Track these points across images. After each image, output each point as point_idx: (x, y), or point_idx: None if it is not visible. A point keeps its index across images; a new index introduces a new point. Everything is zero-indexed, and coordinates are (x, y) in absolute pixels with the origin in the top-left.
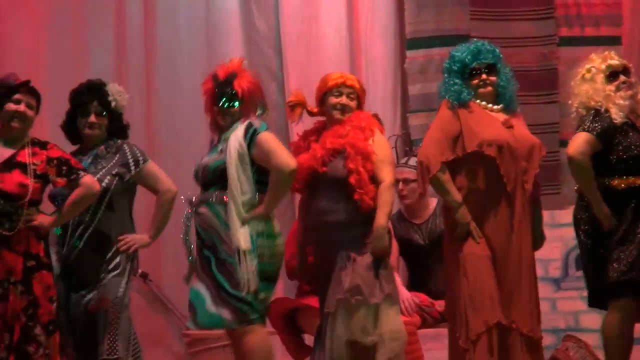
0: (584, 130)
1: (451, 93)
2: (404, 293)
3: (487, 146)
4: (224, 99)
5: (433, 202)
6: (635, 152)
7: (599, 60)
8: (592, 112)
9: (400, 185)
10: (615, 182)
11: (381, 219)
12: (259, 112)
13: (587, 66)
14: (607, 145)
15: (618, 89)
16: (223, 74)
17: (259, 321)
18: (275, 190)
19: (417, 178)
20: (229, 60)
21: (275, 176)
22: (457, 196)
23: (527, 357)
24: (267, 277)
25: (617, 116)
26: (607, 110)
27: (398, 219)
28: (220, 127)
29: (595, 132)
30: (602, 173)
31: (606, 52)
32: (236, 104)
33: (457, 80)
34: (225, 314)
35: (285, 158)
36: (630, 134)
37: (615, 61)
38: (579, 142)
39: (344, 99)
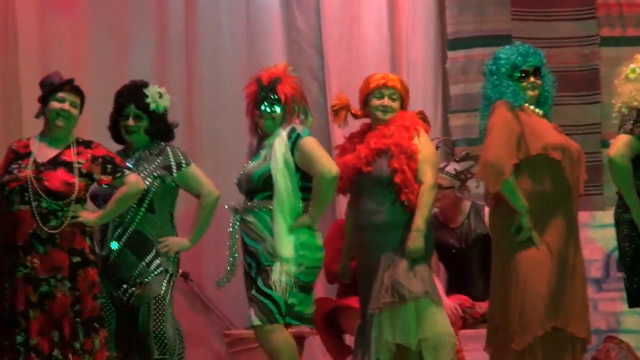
0: (625, 132)
1: (509, 95)
2: (447, 301)
3: (552, 149)
4: (266, 103)
5: (467, 205)
6: None
7: None
8: (634, 112)
9: None
10: None
11: (419, 222)
12: (301, 117)
13: (632, 66)
14: None
15: None
16: (267, 78)
17: (281, 321)
18: (319, 197)
19: (484, 178)
20: (274, 65)
21: (318, 183)
22: (525, 201)
23: None
24: (301, 287)
25: None
26: None
27: (433, 224)
28: (260, 132)
29: (636, 134)
30: None
31: None
32: (278, 109)
33: (510, 82)
34: (252, 312)
35: (327, 164)
36: None
37: None
38: (620, 144)
39: (386, 101)
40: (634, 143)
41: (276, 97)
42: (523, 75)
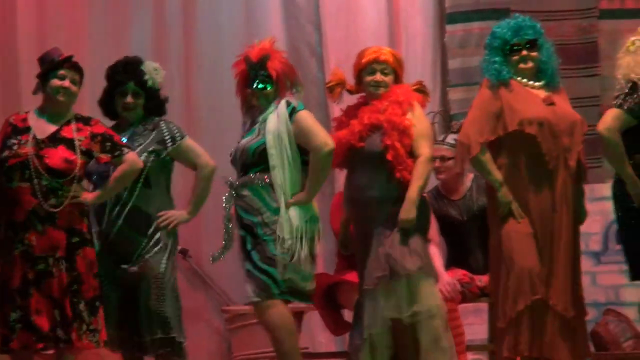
0: (615, 105)
1: (491, 72)
2: (445, 277)
3: (528, 124)
4: (258, 81)
5: (469, 178)
6: None
7: None
8: (630, 85)
9: (437, 162)
10: None
11: (413, 192)
12: (293, 91)
13: (633, 38)
14: None
15: None
16: (255, 56)
17: (280, 297)
18: (315, 171)
19: (456, 157)
20: (260, 41)
21: (314, 157)
22: (499, 175)
23: (559, 335)
24: (298, 259)
25: None
26: None
27: (435, 196)
28: (253, 109)
29: (625, 107)
30: (636, 150)
31: None
32: (270, 86)
33: (497, 58)
34: (249, 288)
35: (322, 138)
36: None
37: None
38: (608, 118)
39: (378, 76)
40: (624, 116)
41: (267, 73)
42: (515, 49)
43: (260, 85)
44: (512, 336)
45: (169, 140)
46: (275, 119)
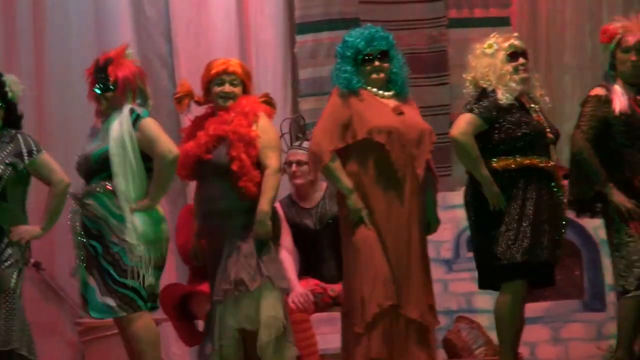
0: (467, 110)
1: (341, 80)
2: (298, 288)
3: (377, 133)
4: (99, 84)
5: (323, 185)
6: (520, 132)
7: (502, 39)
8: (479, 90)
9: (294, 167)
10: (502, 162)
11: (264, 205)
12: (138, 100)
13: (490, 42)
14: (492, 125)
15: (516, 70)
16: (102, 59)
17: (145, 308)
18: (159, 178)
19: (309, 165)
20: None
21: (158, 164)
22: (349, 183)
23: (414, 343)
24: (155, 265)
25: (503, 97)
26: (494, 90)
27: (288, 203)
28: (102, 115)
29: (478, 112)
30: (489, 154)
31: (510, 34)
32: (110, 90)
33: (348, 67)
34: (112, 302)
35: (167, 145)
36: (517, 115)
37: (518, 42)
38: (461, 123)
39: (227, 87)
40: (476, 121)
41: (107, 77)
42: (367, 59)
43: (98, 89)
44: (366, 342)
45: (25, 153)
46: (118, 126)
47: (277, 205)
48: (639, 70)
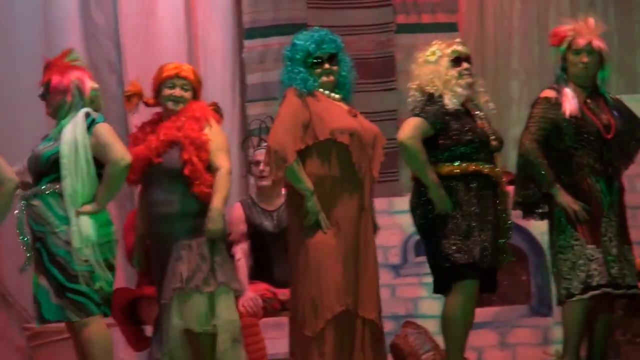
0: (414, 115)
1: (298, 81)
2: (248, 292)
3: (340, 134)
4: (42, 88)
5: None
6: (465, 139)
7: (445, 45)
8: (426, 96)
9: (261, 166)
10: (447, 168)
11: (217, 202)
12: (81, 103)
13: (432, 49)
14: (439, 130)
15: (460, 75)
16: (44, 64)
17: (98, 312)
18: (109, 183)
19: (270, 165)
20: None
21: (110, 169)
22: (310, 185)
23: (369, 345)
24: (106, 265)
25: (450, 102)
26: (440, 96)
27: (249, 204)
28: (52, 117)
29: (425, 117)
30: (434, 159)
31: (453, 40)
32: (46, 94)
33: (301, 69)
34: (65, 306)
35: (120, 151)
36: (463, 120)
37: (461, 47)
38: (409, 127)
39: (177, 91)
40: (423, 125)
41: (45, 82)
42: (316, 62)
43: (40, 94)
44: (318, 347)
45: None
46: (72, 129)
47: (238, 205)
48: (590, 72)
